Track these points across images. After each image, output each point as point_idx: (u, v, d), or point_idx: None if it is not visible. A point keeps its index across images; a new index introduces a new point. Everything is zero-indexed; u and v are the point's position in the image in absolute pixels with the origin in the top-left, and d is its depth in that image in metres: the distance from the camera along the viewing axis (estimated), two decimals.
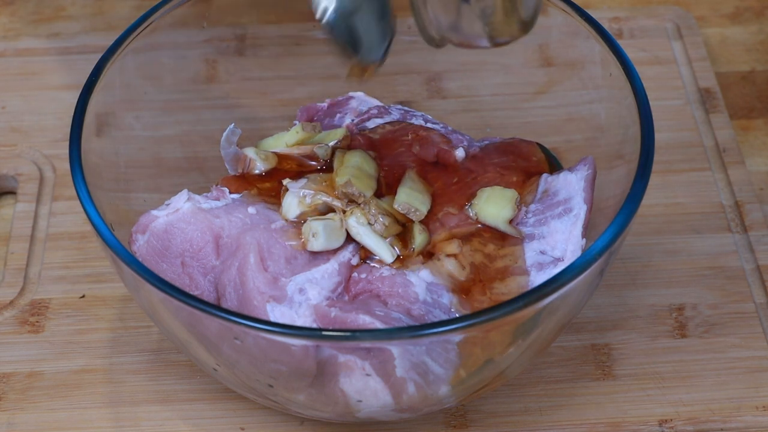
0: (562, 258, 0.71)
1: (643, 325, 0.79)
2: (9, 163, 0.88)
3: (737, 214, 0.84)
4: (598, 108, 0.77)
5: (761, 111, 0.93)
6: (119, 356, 0.78)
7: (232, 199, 0.73)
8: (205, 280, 0.70)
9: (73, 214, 0.84)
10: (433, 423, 0.74)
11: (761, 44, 0.98)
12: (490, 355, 0.66)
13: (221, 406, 0.75)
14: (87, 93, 0.71)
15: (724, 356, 0.77)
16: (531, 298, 0.62)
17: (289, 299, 0.68)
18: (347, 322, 0.66)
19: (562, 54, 0.80)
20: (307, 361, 0.64)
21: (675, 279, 0.81)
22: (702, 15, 1.00)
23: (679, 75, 0.93)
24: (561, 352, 0.77)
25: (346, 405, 0.67)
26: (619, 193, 0.70)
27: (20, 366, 0.77)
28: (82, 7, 1.02)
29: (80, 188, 0.67)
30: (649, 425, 0.74)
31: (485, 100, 0.85)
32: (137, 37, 0.74)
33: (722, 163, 0.87)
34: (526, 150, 0.77)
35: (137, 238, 0.71)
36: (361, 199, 0.72)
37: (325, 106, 0.83)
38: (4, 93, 0.93)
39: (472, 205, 0.73)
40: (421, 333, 0.62)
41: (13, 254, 0.83)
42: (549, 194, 0.73)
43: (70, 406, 0.75)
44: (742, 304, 0.79)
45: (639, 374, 0.76)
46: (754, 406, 0.75)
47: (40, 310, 0.80)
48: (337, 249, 0.71)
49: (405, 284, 0.69)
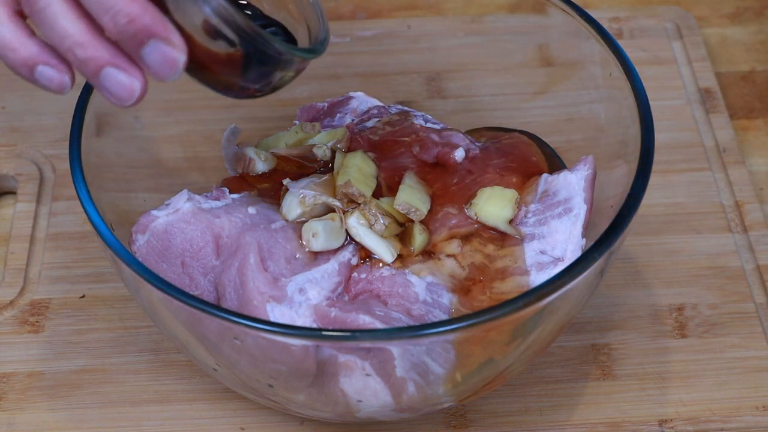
0: (562, 258, 0.71)
1: (643, 325, 0.79)
2: (9, 163, 0.88)
3: (737, 214, 0.84)
4: (598, 108, 0.77)
5: (761, 111, 0.93)
6: (119, 356, 0.78)
7: (232, 199, 0.73)
8: (205, 280, 0.70)
9: (73, 214, 0.84)
10: (433, 423, 0.74)
11: (761, 44, 0.98)
12: (490, 355, 0.66)
13: (221, 406, 0.75)
14: (87, 93, 0.71)
15: (724, 356, 0.77)
16: (531, 298, 0.62)
17: (289, 299, 0.68)
18: (347, 322, 0.66)
19: (562, 54, 0.80)
20: (307, 361, 0.64)
21: (675, 279, 0.81)
22: (702, 15, 1.00)
23: (679, 75, 0.93)
24: (561, 352, 0.77)
25: (346, 405, 0.67)
26: (619, 193, 0.70)
27: (20, 366, 0.77)
28: None
29: (80, 188, 0.67)
30: (649, 425, 0.74)
31: (485, 100, 0.85)
32: None
33: (722, 163, 0.87)
34: (526, 150, 0.77)
35: (137, 238, 0.71)
36: (361, 199, 0.72)
37: (325, 106, 0.83)
38: (4, 93, 0.93)
39: (472, 205, 0.73)
40: (421, 333, 0.62)
41: (13, 254, 0.83)
42: (549, 194, 0.73)
43: (70, 406, 0.75)
44: (742, 304, 0.79)
45: (639, 374, 0.76)
46: (754, 406, 0.75)
47: (40, 310, 0.80)
48: (337, 249, 0.71)
49: (405, 284, 0.69)
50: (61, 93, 0.62)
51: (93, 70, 0.60)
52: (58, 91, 0.62)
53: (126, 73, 0.60)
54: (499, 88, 0.85)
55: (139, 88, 0.61)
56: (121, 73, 0.60)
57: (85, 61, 0.60)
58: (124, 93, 0.61)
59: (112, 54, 0.60)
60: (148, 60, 0.60)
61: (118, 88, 0.61)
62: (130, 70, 0.60)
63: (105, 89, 0.61)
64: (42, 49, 0.61)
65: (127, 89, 0.61)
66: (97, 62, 0.60)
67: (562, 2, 0.76)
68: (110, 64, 0.60)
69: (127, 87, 0.61)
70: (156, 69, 0.60)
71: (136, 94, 0.61)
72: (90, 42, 0.60)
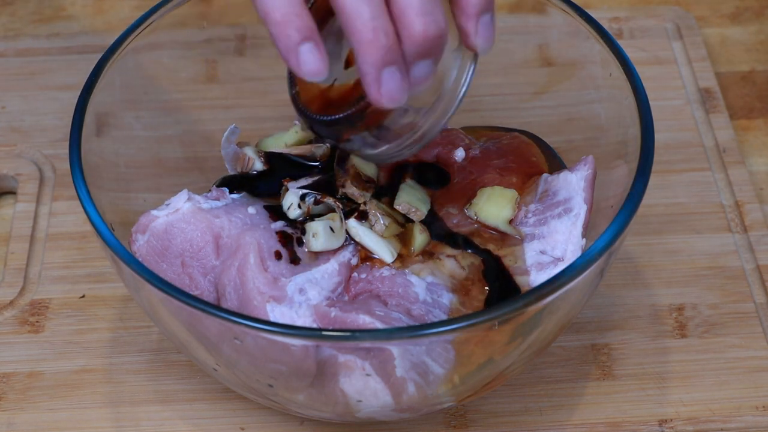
0: (562, 258, 0.71)
1: (643, 325, 0.79)
2: (9, 163, 0.88)
3: (737, 214, 0.84)
4: (598, 108, 0.77)
5: (761, 111, 0.93)
6: (119, 356, 0.78)
7: (232, 199, 0.73)
8: (205, 280, 0.70)
9: (73, 214, 0.84)
10: (433, 423, 0.74)
11: (761, 44, 0.98)
12: (490, 354, 0.66)
13: (221, 406, 0.75)
14: (87, 93, 0.71)
15: (724, 356, 0.77)
16: (531, 298, 0.62)
17: (289, 299, 0.68)
18: (347, 322, 0.66)
19: (562, 54, 0.80)
20: (307, 361, 0.64)
21: (675, 279, 0.81)
22: (702, 15, 1.00)
23: (679, 75, 0.93)
24: (561, 352, 0.77)
25: (346, 405, 0.67)
26: (619, 193, 0.70)
27: (20, 366, 0.77)
28: (82, 7, 1.02)
29: (80, 188, 0.67)
30: (649, 425, 0.74)
31: (485, 100, 0.85)
32: (137, 37, 0.74)
33: (722, 163, 0.87)
34: (526, 150, 0.77)
35: (137, 238, 0.71)
36: (361, 199, 0.72)
37: None
38: (4, 93, 0.93)
39: (472, 205, 0.73)
40: (421, 333, 0.62)
41: (13, 254, 0.83)
42: (549, 194, 0.73)
43: (70, 406, 0.75)
44: (742, 304, 0.79)
45: (639, 374, 0.76)
46: (754, 406, 0.75)
47: (40, 310, 0.80)
48: (337, 249, 0.71)
49: (405, 284, 0.69)
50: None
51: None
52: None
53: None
54: (499, 88, 0.85)
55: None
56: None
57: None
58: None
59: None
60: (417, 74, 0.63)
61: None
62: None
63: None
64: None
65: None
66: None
67: (562, 2, 0.76)
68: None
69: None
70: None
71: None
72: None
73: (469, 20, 0.65)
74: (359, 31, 0.61)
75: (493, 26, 0.66)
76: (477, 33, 0.65)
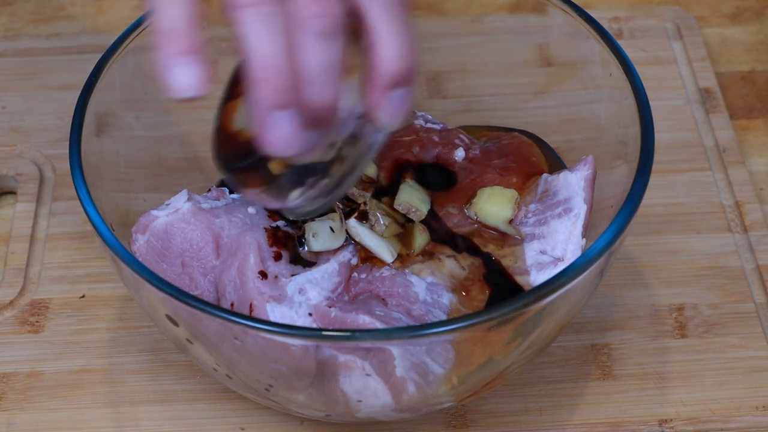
0: (562, 258, 0.71)
1: (643, 325, 0.79)
2: (9, 163, 0.88)
3: (737, 214, 0.84)
4: (598, 108, 0.77)
5: (761, 111, 0.93)
6: (119, 356, 0.78)
7: (232, 199, 0.73)
8: (205, 280, 0.70)
9: (73, 214, 0.84)
10: (433, 423, 0.74)
11: (761, 44, 0.98)
12: (490, 354, 0.66)
13: (221, 406, 0.75)
14: (87, 93, 0.71)
15: (724, 356, 0.77)
16: (531, 298, 0.62)
17: (289, 299, 0.68)
18: (347, 322, 0.66)
19: (562, 54, 0.80)
20: (307, 361, 0.64)
21: (675, 279, 0.81)
22: (702, 15, 1.00)
23: (679, 75, 0.93)
24: (561, 352, 0.77)
25: (346, 405, 0.67)
26: (619, 193, 0.70)
27: (20, 366, 0.77)
28: (82, 7, 1.02)
29: (80, 188, 0.67)
30: (649, 425, 0.74)
31: (485, 100, 0.85)
32: (137, 37, 0.74)
33: (722, 163, 0.87)
34: (526, 150, 0.77)
35: (137, 238, 0.71)
36: (361, 199, 0.72)
37: None
38: (4, 93, 0.93)
39: (472, 205, 0.73)
40: (421, 333, 0.62)
41: (13, 254, 0.83)
42: (549, 194, 0.73)
43: (70, 406, 0.75)
44: (742, 304, 0.80)
45: (639, 374, 0.76)
46: (754, 406, 0.75)
47: (40, 310, 0.80)
48: (337, 249, 0.71)
49: (405, 284, 0.69)
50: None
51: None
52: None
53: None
54: (499, 88, 0.85)
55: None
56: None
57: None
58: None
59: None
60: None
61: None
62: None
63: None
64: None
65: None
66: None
67: (562, 2, 0.76)
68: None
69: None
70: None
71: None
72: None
73: (374, 91, 0.58)
74: (254, 68, 0.55)
75: (404, 102, 0.58)
76: (380, 107, 0.58)
